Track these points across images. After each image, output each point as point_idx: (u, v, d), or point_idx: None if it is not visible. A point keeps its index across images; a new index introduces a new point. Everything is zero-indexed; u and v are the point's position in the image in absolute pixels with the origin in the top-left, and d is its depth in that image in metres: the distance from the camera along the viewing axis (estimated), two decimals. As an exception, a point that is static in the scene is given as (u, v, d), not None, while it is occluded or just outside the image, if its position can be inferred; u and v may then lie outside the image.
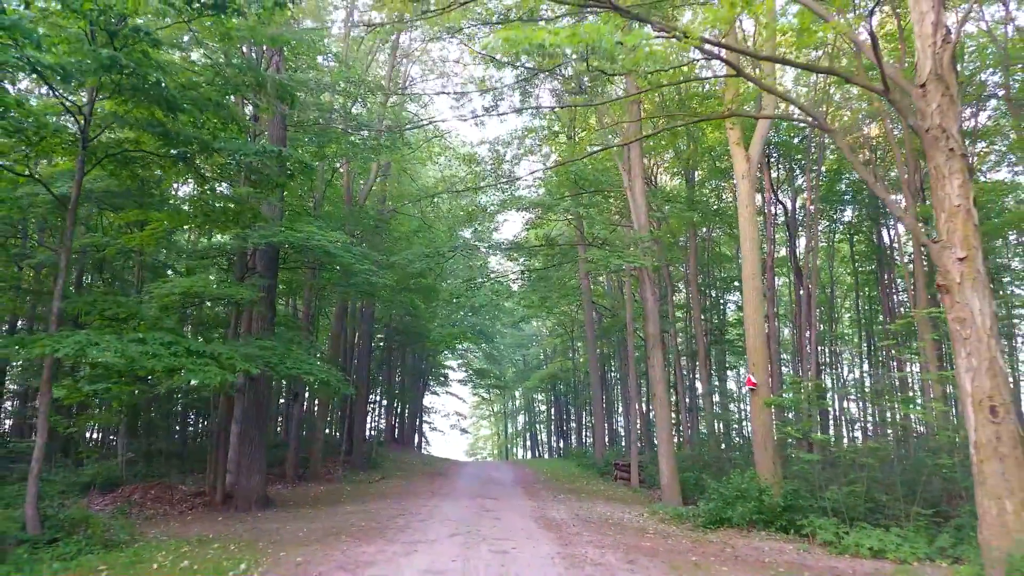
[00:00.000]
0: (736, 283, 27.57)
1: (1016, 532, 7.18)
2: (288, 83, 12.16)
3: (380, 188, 25.98)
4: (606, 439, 31.84)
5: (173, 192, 20.65)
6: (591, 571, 7.67)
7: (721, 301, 32.89)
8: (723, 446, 25.44)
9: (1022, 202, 22.00)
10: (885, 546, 10.23)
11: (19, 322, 22.58)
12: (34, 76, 7.87)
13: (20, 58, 7.15)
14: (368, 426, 31.35)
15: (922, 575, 8.64)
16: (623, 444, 33.50)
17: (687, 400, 27.81)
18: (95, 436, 23.15)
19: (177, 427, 24.84)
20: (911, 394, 23.20)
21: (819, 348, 29.20)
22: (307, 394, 26.18)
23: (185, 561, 8.25)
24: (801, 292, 23.49)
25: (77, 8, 7.63)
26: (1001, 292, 25.46)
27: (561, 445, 49.76)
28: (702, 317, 27.63)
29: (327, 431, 25.86)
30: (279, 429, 28.44)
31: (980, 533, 7.60)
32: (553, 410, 53.49)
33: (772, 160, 24.42)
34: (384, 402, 37.92)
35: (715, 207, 27.10)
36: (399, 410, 41.00)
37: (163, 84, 8.62)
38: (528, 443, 60.70)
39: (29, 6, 7.48)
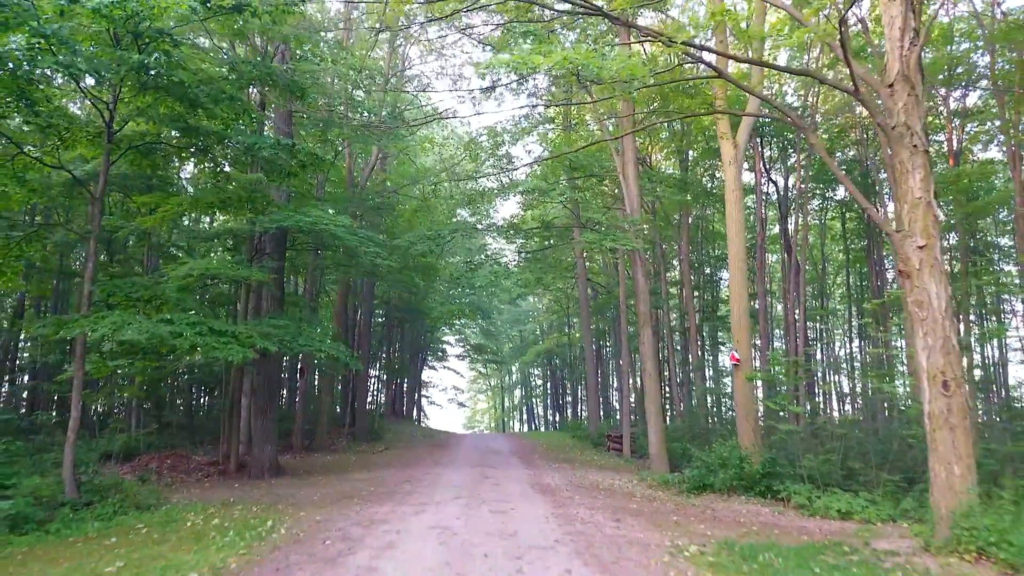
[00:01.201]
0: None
1: (961, 493, 8.01)
2: (298, 79, 12.76)
3: (380, 174, 26.53)
4: (600, 412, 32.82)
5: (180, 175, 21.22)
6: (581, 527, 8.55)
7: (715, 278, 33.55)
8: (715, 418, 26.41)
9: (1011, 180, 22.62)
10: (853, 508, 11.14)
11: (25, 301, 23.26)
12: (69, 77, 8.47)
13: (58, 63, 7.79)
14: (368, 399, 32.32)
15: (881, 533, 9.51)
16: (617, 416, 34.51)
17: (679, 375, 28.70)
18: (100, 410, 23.97)
19: (179, 401, 25.69)
20: (901, 368, 24.03)
21: (811, 324, 30.09)
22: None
23: (215, 520, 9.11)
24: (791, 269, 24.27)
25: (107, 14, 8.23)
26: (991, 268, 26.31)
27: (557, 418, 50.92)
28: (694, 294, 28.43)
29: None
30: (282, 403, 29.36)
31: (931, 495, 8.44)
32: (549, 384, 54.61)
33: (765, 139, 25.01)
34: (384, 376, 38.87)
35: (709, 186, 27.71)
36: (398, 384, 42.00)
37: (186, 83, 9.24)
38: (525, 416, 61.96)
39: (64, 13, 8.05)
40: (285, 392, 29.87)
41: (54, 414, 20.83)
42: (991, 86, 20.05)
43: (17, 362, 24.26)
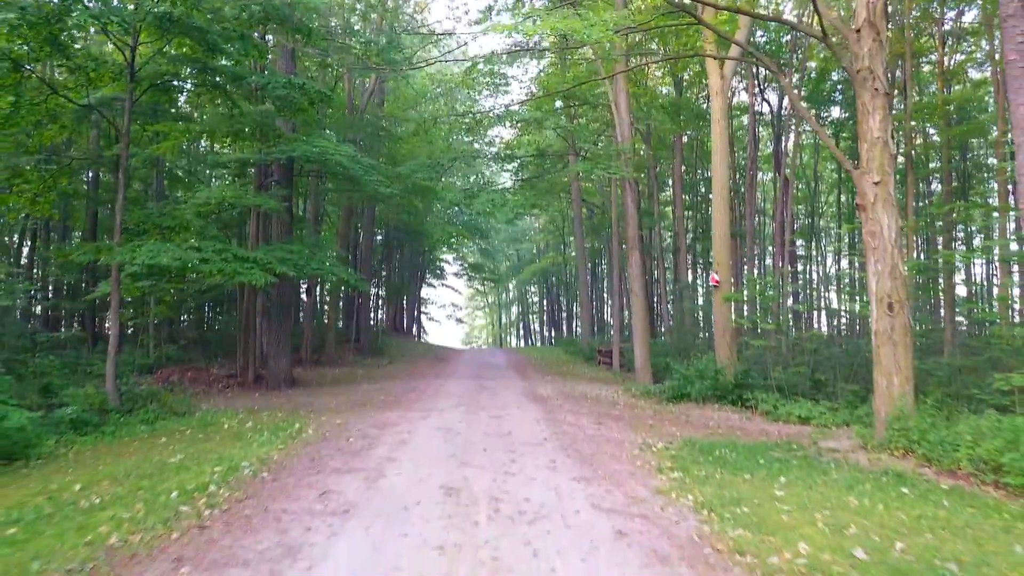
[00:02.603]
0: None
1: (899, 400, 9.24)
2: (304, 20, 13.18)
3: (380, 104, 26.75)
4: (593, 328, 34.28)
5: (186, 104, 21.63)
6: (567, 429, 9.87)
7: (709, 197, 34.05)
8: (705, 334, 27.82)
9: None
10: (812, 414, 12.46)
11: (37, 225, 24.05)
12: (99, 28, 9.10)
13: (91, 14, 8.42)
14: (371, 316, 33.76)
15: (831, 435, 10.84)
16: (610, 332, 36.01)
17: (669, 294, 29.91)
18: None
19: (183, 318, 26.92)
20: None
21: (802, 242, 31.08)
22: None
23: (248, 423, 10.41)
24: (781, 188, 25.06)
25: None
26: (982, 188, 27.10)
27: (552, 334, 52.71)
28: (685, 214, 29.29)
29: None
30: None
31: (874, 402, 9.70)
32: (545, 301, 56.19)
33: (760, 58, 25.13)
34: (384, 294, 40.22)
35: (704, 106, 27.96)
36: (399, 302, 43.42)
37: (205, 29, 9.82)
38: (521, 332, 63.93)
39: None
40: (293, 309, 31.23)
41: (63, 330, 22.09)
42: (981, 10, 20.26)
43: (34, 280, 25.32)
